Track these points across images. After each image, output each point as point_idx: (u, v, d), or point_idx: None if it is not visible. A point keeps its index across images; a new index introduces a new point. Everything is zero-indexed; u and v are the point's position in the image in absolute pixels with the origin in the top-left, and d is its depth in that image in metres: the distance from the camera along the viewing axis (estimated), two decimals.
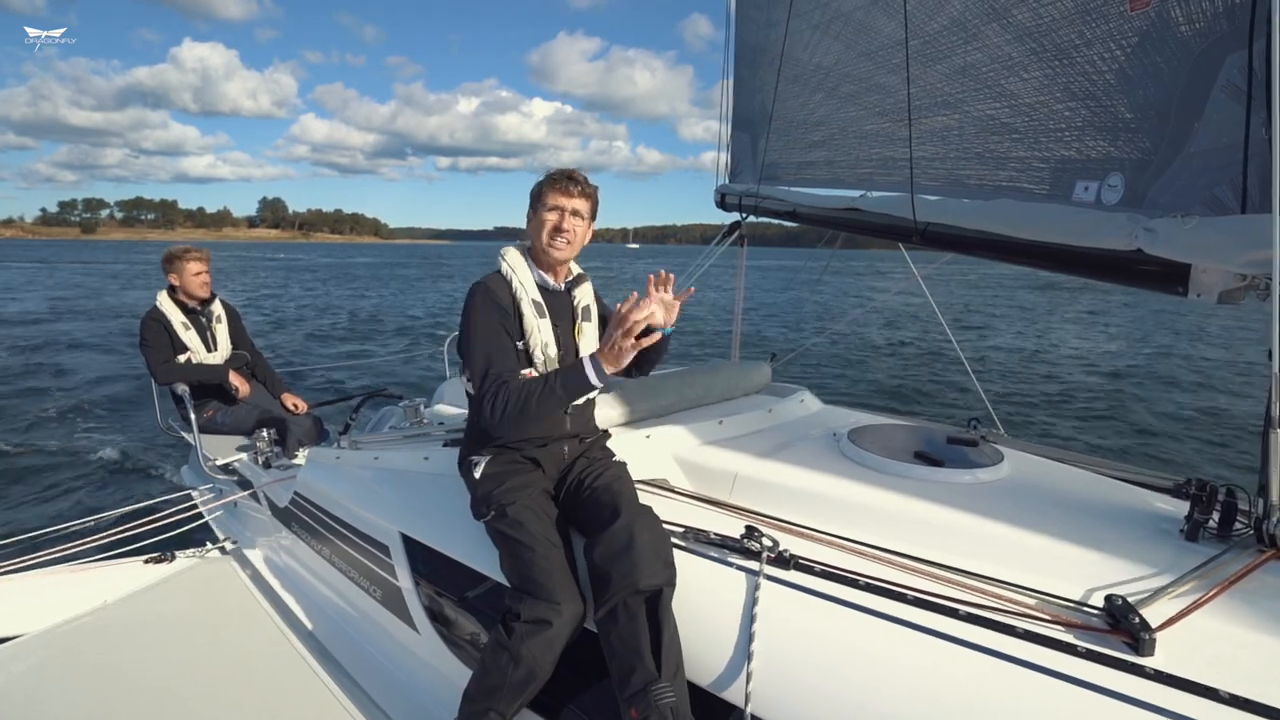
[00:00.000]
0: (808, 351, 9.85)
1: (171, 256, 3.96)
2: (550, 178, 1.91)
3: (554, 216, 1.88)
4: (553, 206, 1.88)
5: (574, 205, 1.89)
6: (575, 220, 1.89)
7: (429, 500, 2.19)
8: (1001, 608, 1.30)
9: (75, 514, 3.82)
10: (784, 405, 2.54)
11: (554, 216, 1.88)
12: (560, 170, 1.92)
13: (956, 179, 2.18)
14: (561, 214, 1.88)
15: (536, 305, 1.88)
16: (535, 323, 1.86)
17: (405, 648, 2.21)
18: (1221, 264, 1.40)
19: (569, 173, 1.91)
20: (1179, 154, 1.54)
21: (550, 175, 1.92)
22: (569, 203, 1.88)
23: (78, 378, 10.14)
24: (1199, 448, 6.99)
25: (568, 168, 1.93)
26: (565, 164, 1.89)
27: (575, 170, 1.92)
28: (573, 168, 1.94)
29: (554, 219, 1.88)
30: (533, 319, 1.86)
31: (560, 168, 1.93)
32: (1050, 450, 2.24)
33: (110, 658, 2.39)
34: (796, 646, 1.33)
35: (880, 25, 2.53)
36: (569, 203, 1.88)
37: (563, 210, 1.88)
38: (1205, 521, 1.51)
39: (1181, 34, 1.52)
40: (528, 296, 1.88)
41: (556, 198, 1.88)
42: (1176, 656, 1.14)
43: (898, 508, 1.69)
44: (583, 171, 1.93)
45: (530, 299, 1.88)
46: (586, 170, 1.97)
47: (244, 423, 3.93)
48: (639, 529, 1.54)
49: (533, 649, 1.51)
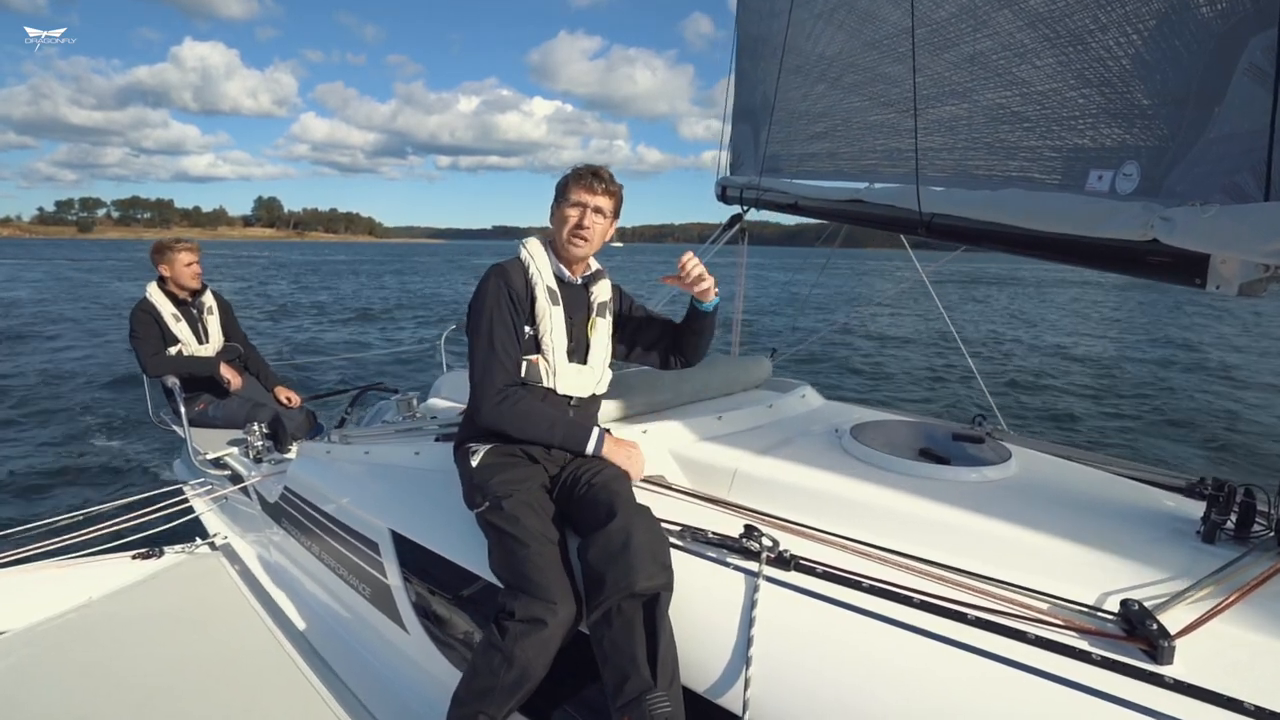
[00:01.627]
0: (810, 348, 9.81)
1: (161, 247, 3.90)
2: (576, 172, 1.91)
3: (575, 213, 1.88)
4: (575, 202, 1.88)
5: (596, 202, 1.88)
6: (596, 217, 1.89)
7: (420, 496, 2.14)
8: (1012, 612, 1.25)
9: (62, 508, 3.75)
10: (785, 401, 2.48)
11: (575, 213, 1.88)
12: (587, 166, 1.92)
13: (964, 169, 2.12)
14: (583, 211, 1.88)
15: (551, 293, 1.89)
16: (548, 309, 1.87)
17: (394, 647, 2.16)
18: (1243, 254, 1.34)
19: (595, 169, 1.90)
20: (1198, 140, 1.48)
21: (576, 170, 1.92)
22: (592, 199, 1.88)
23: (67, 369, 10.07)
24: (1209, 445, 6.93)
25: (595, 164, 1.93)
26: (566, 163, 1.91)
27: (602, 167, 1.92)
28: (600, 164, 1.94)
29: (575, 215, 1.88)
30: (545, 305, 1.86)
31: (588, 164, 1.94)
32: (1058, 447, 2.19)
33: (94, 655, 2.34)
34: (797, 651, 1.28)
35: (885, 13, 2.47)
36: (592, 199, 1.88)
37: (585, 207, 1.88)
38: (1223, 523, 1.46)
39: (1202, 15, 1.46)
40: (543, 283, 1.88)
41: (580, 193, 1.88)
42: (1197, 665, 1.09)
43: (902, 506, 1.63)
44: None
45: (545, 286, 1.88)
46: None
47: (236, 416, 3.87)
48: (636, 529, 1.48)
49: (526, 650, 1.46)
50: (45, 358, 11.02)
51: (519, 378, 1.84)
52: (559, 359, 1.87)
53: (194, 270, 3.91)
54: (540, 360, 1.86)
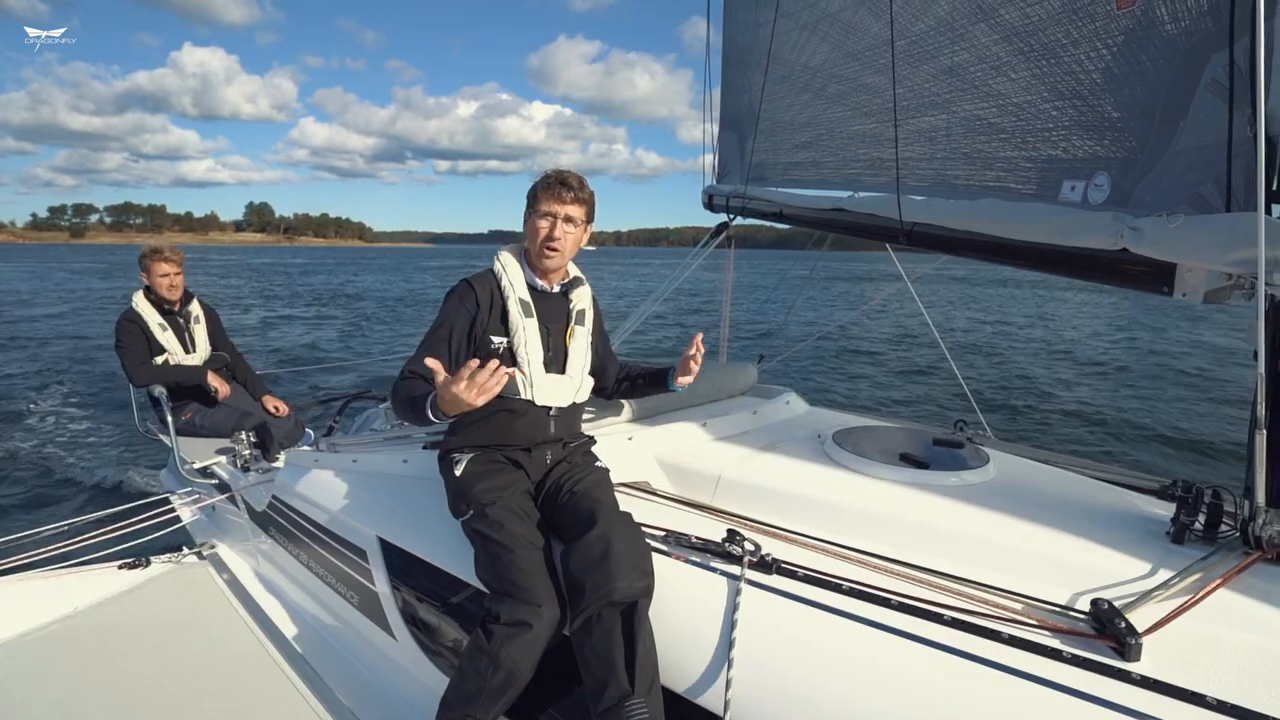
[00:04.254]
0: (796, 353, 9.86)
1: (143, 256, 3.87)
2: (544, 181, 1.82)
3: (546, 225, 1.81)
4: (545, 213, 1.81)
5: (567, 211, 1.81)
6: (568, 227, 1.83)
7: (407, 504, 2.15)
8: (987, 612, 1.28)
9: (47, 519, 3.72)
10: (769, 407, 2.51)
11: (546, 225, 1.81)
12: (555, 173, 1.83)
13: (944, 179, 2.17)
14: (554, 222, 1.81)
15: (524, 305, 1.84)
16: (521, 322, 1.82)
17: (383, 655, 2.17)
18: (1207, 263, 1.39)
19: (563, 176, 1.82)
20: (1165, 153, 1.53)
21: (544, 178, 1.83)
22: (562, 209, 1.81)
23: (53, 376, 9.95)
24: (1183, 448, 7.03)
25: (563, 170, 1.84)
26: (564, 167, 1.82)
27: (570, 173, 1.84)
28: (568, 169, 1.85)
29: (546, 227, 1.81)
30: (518, 318, 1.82)
31: (555, 169, 1.84)
32: (1036, 452, 2.23)
33: (79, 667, 2.33)
34: (777, 653, 1.30)
35: (867, 25, 2.52)
36: (562, 209, 1.81)
37: (555, 218, 1.81)
38: (1191, 524, 1.50)
39: (1167, 32, 1.51)
40: (515, 296, 1.84)
41: (550, 203, 1.81)
42: (1163, 661, 1.12)
43: (882, 510, 1.66)
44: (582, 174, 1.85)
45: (518, 299, 1.84)
46: (586, 173, 1.88)
47: (223, 425, 3.86)
48: (616, 537, 1.50)
49: (512, 652, 1.47)
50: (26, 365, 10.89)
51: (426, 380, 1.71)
52: (535, 370, 1.83)
53: (170, 282, 3.84)
54: (516, 372, 1.80)
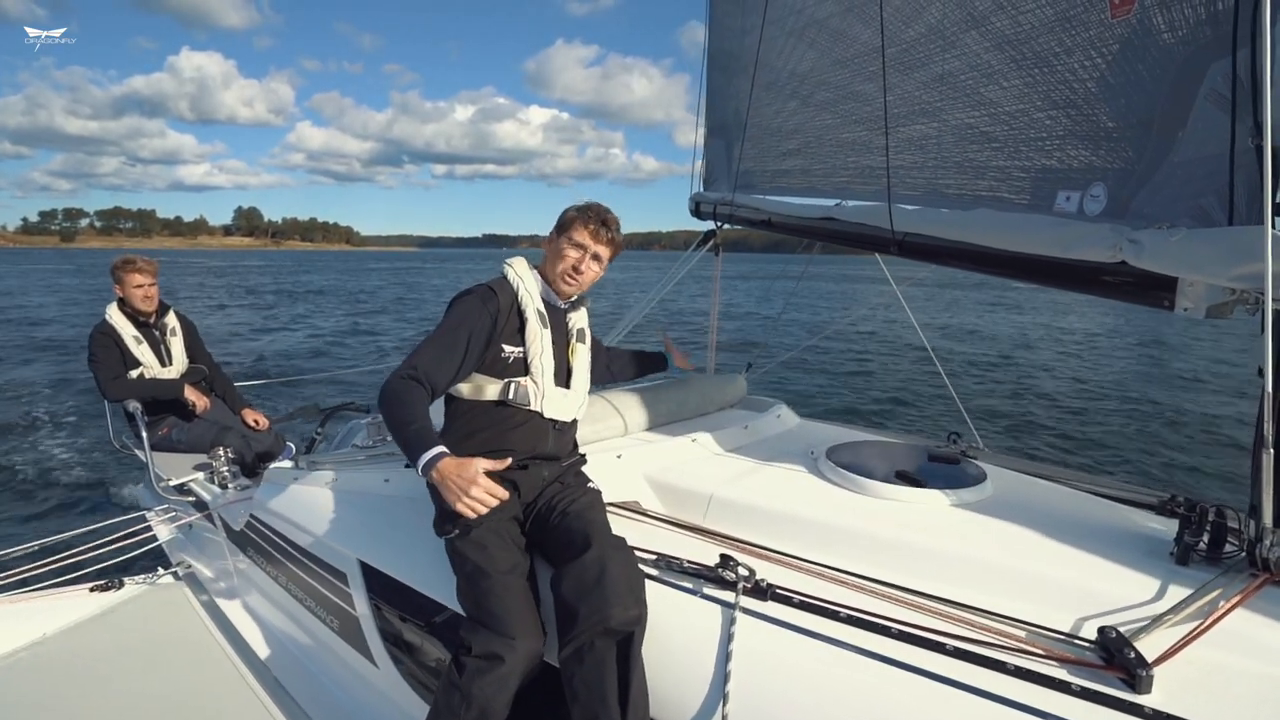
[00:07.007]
0: (786, 362, 9.85)
1: (114, 267, 3.74)
2: (585, 214, 1.88)
3: (575, 255, 1.86)
4: (578, 244, 1.86)
5: (598, 249, 1.88)
6: (593, 264, 1.89)
7: (389, 525, 2.08)
8: (991, 641, 1.23)
9: (16, 540, 3.57)
10: (760, 421, 2.47)
11: (575, 255, 1.86)
12: (598, 210, 1.90)
13: (935, 188, 2.13)
14: (583, 255, 1.87)
15: (541, 315, 1.85)
16: (539, 332, 1.83)
17: (363, 681, 2.09)
18: (1209, 278, 1.35)
19: (604, 216, 1.89)
20: (1163, 164, 1.49)
21: (586, 210, 1.89)
22: (594, 246, 1.87)
23: (23, 389, 9.71)
24: (1183, 461, 7.01)
25: (604, 208, 1.91)
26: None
27: (611, 214, 1.91)
28: (607, 207, 1.92)
29: (574, 258, 1.86)
30: (536, 328, 1.83)
31: (598, 205, 1.92)
32: (1032, 465, 2.20)
33: (48, 696, 2.24)
34: (774, 686, 1.25)
35: (856, 32, 2.49)
36: (594, 246, 1.87)
37: (585, 252, 1.87)
38: (1195, 544, 1.46)
39: (1164, 41, 1.48)
40: (533, 306, 1.85)
41: (585, 237, 1.86)
42: (1175, 694, 1.08)
43: (879, 532, 1.62)
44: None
45: (535, 309, 1.85)
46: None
47: (201, 440, 3.75)
48: (611, 562, 1.44)
49: (484, 688, 1.41)
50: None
51: (431, 385, 1.70)
52: (548, 382, 1.83)
53: (144, 293, 3.70)
54: (529, 383, 1.81)
